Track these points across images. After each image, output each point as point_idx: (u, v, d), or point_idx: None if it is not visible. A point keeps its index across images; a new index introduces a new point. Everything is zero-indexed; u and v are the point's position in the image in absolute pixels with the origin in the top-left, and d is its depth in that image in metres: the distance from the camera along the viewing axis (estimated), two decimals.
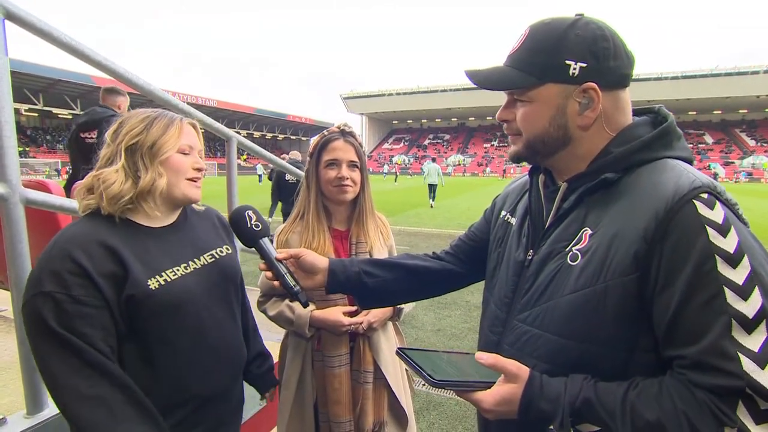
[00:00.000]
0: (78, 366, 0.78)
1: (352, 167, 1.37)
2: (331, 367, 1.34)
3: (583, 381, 0.67)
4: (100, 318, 0.81)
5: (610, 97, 0.73)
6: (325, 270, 0.99)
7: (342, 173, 1.34)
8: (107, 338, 0.82)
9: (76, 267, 0.80)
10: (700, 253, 0.61)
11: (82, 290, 0.80)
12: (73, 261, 0.80)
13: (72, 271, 0.80)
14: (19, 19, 1.21)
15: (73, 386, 0.77)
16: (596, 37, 0.71)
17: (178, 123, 0.98)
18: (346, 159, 1.35)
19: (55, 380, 0.78)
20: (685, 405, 0.60)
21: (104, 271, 0.83)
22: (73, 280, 0.79)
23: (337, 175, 1.34)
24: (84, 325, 0.79)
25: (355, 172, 1.38)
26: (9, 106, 1.16)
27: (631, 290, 0.66)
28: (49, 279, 0.79)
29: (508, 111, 0.80)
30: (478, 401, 0.70)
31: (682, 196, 0.64)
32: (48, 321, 0.77)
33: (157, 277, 0.89)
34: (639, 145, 0.73)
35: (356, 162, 1.37)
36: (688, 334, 0.61)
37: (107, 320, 0.83)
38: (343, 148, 1.36)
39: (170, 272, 0.93)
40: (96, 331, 0.80)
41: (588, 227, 0.73)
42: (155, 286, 0.88)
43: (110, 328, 0.83)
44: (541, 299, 0.76)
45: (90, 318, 0.80)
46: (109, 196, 0.89)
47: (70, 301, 0.78)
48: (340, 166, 1.35)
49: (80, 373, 0.78)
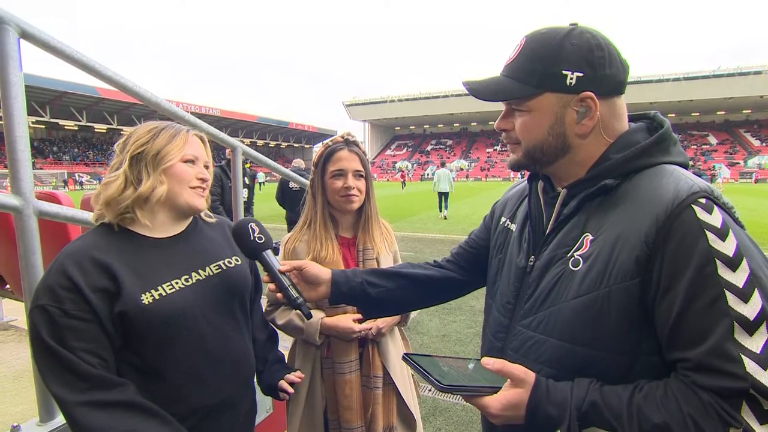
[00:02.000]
0: (67, 377, 0.81)
1: (357, 177, 1.39)
2: (342, 373, 1.35)
3: (590, 385, 0.68)
4: (90, 331, 0.84)
5: (606, 104, 0.75)
6: (328, 281, 1.01)
7: (348, 183, 1.36)
8: (99, 351, 0.84)
9: (68, 282, 0.84)
10: (701, 256, 0.62)
11: (73, 305, 0.83)
12: (66, 276, 0.84)
13: (64, 286, 0.83)
14: (33, 37, 1.25)
15: (63, 395, 0.80)
16: (591, 47, 0.72)
17: (183, 134, 1.00)
18: (351, 169, 1.37)
19: (50, 389, 0.81)
20: (690, 407, 0.61)
21: (96, 287, 0.85)
22: (64, 295, 0.83)
23: (344, 185, 1.36)
24: (73, 338, 0.82)
25: (361, 181, 1.40)
26: (23, 121, 1.20)
27: (634, 294, 0.66)
28: (44, 293, 0.83)
29: (507, 121, 0.81)
30: (484, 406, 0.70)
31: (681, 201, 0.65)
32: (41, 333, 0.81)
33: (152, 291, 0.91)
34: (637, 152, 0.74)
35: (361, 171, 1.40)
36: (690, 336, 0.62)
37: (98, 333, 0.85)
38: (348, 157, 1.38)
39: (167, 286, 0.93)
40: (85, 344, 0.83)
41: (589, 233, 0.73)
42: (149, 301, 0.89)
43: (102, 341, 0.85)
44: (544, 305, 0.77)
45: (80, 331, 0.83)
46: (106, 199, 0.91)
47: (61, 315, 0.82)
48: (346, 176, 1.37)
49: (69, 383, 0.81)
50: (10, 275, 2.47)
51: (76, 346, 0.82)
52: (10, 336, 2.94)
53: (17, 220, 1.21)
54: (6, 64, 1.16)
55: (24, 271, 1.23)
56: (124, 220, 0.95)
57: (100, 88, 34.16)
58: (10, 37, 1.17)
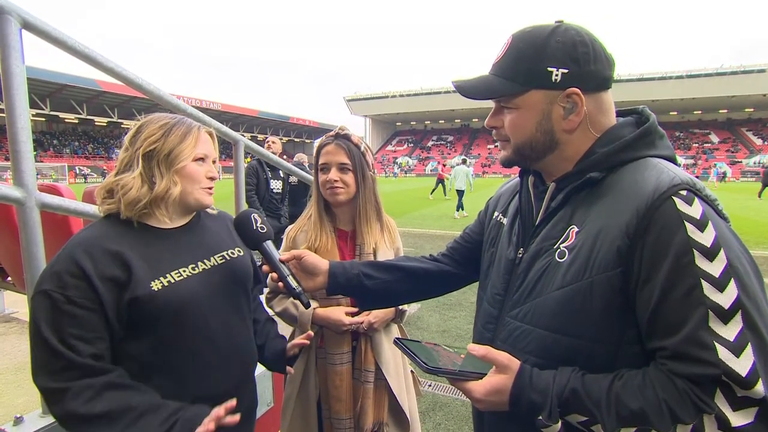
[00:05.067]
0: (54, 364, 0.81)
1: (342, 170, 1.40)
2: (333, 364, 1.37)
3: (571, 373, 0.70)
4: (90, 320, 0.84)
5: (592, 100, 0.76)
6: (325, 272, 1.03)
7: (330, 176, 1.39)
8: (95, 341, 0.84)
9: (76, 269, 0.83)
10: (679, 247, 0.63)
11: (78, 291, 0.83)
12: (74, 263, 0.84)
13: (71, 273, 0.83)
14: (35, 28, 1.24)
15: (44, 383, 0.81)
16: (575, 43, 0.73)
17: (195, 132, 1.00)
18: (335, 162, 1.40)
19: (33, 377, 0.82)
20: (665, 394, 0.62)
21: (106, 275, 0.85)
22: (71, 281, 0.83)
23: (326, 178, 1.39)
24: (72, 325, 0.82)
25: (347, 174, 1.40)
26: (26, 112, 1.19)
27: (615, 285, 0.68)
28: (49, 278, 0.84)
29: (496, 118, 0.83)
30: (469, 390, 0.73)
31: (662, 193, 0.67)
32: (39, 320, 0.81)
33: (161, 278, 0.92)
34: (622, 145, 0.75)
35: (347, 164, 1.40)
36: (668, 325, 0.64)
37: (98, 323, 0.85)
38: (333, 151, 1.40)
39: (175, 273, 0.95)
40: (83, 332, 0.83)
41: (575, 225, 0.75)
42: (158, 287, 0.90)
43: (101, 331, 0.85)
44: (531, 296, 0.78)
45: (79, 319, 0.83)
46: (128, 201, 0.92)
47: (64, 301, 0.82)
48: (330, 170, 1.40)
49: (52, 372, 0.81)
50: (12, 267, 2.47)
51: (73, 333, 0.82)
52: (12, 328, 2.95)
53: (19, 212, 1.20)
54: (8, 55, 1.15)
55: (26, 263, 1.23)
56: (141, 216, 0.96)
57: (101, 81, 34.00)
58: (12, 27, 1.16)
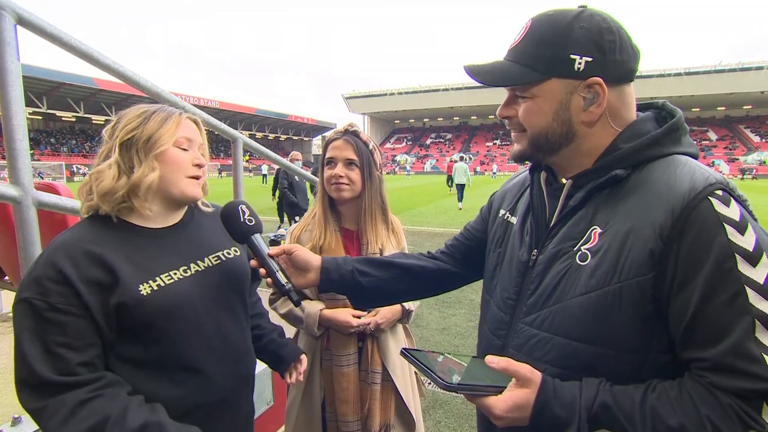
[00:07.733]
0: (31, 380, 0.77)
1: (349, 165, 1.37)
2: (339, 366, 1.35)
3: (599, 385, 0.65)
4: (76, 327, 0.79)
5: (615, 92, 0.71)
6: (317, 268, 0.96)
7: (335, 171, 1.36)
8: (84, 347, 0.80)
9: (57, 274, 0.79)
10: (719, 251, 0.59)
11: (61, 297, 0.78)
12: (54, 267, 0.79)
13: (52, 278, 0.78)
14: (30, 23, 1.23)
15: (25, 403, 0.77)
16: (602, 30, 0.68)
17: (176, 116, 0.94)
18: (342, 157, 1.37)
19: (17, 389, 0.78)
20: (708, 409, 0.59)
21: (88, 279, 0.81)
22: (52, 287, 0.78)
23: (332, 173, 1.36)
24: (57, 333, 0.78)
25: (353, 170, 1.37)
26: (21, 110, 1.18)
27: (647, 290, 0.64)
28: (28, 285, 0.78)
29: (510, 108, 0.78)
30: (489, 407, 0.67)
31: (698, 193, 0.63)
32: (21, 331, 0.77)
33: (150, 282, 0.87)
34: (649, 141, 0.71)
35: (354, 160, 1.37)
36: (708, 335, 0.60)
37: (86, 329, 0.80)
38: (341, 146, 1.38)
39: (165, 276, 0.89)
40: (69, 339, 0.78)
41: (597, 225, 0.70)
42: (147, 292, 0.85)
43: (89, 337, 0.81)
44: (549, 301, 0.73)
45: (64, 326, 0.78)
46: (101, 192, 0.86)
47: (46, 308, 0.77)
48: (336, 165, 1.37)
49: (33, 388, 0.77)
50: (9, 266, 2.45)
51: (58, 341, 0.77)
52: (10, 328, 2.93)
53: (16, 210, 1.19)
54: (3, 51, 1.14)
55: (23, 262, 1.22)
56: (121, 212, 0.90)
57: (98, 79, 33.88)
58: (7, 23, 1.14)
